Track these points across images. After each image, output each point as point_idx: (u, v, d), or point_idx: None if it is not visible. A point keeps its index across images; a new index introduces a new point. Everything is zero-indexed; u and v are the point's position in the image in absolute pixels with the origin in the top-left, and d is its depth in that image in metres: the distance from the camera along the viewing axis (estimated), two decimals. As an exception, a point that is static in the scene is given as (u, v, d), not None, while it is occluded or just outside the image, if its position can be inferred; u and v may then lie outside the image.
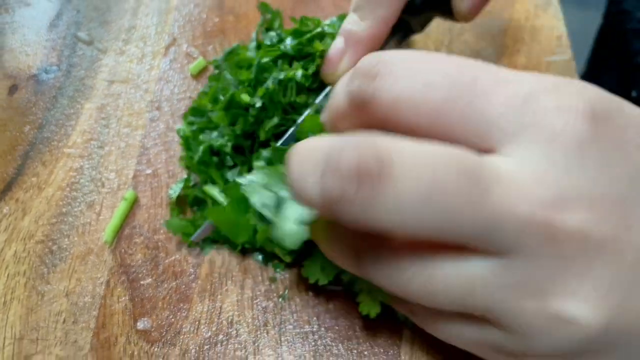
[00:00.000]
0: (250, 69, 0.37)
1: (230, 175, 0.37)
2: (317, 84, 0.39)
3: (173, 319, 0.35)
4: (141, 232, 0.38)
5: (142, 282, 0.36)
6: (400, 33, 0.39)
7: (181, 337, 0.34)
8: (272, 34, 0.40)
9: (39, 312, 0.36)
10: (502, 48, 0.47)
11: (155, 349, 0.34)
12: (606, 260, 0.21)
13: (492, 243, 0.22)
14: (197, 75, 0.46)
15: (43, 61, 0.48)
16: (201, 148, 0.37)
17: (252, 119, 0.37)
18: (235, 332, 0.34)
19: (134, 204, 0.39)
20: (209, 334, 0.34)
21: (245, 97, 0.36)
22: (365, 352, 0.33)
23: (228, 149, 0.37)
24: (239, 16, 0.50)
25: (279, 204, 0.28)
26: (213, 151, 0.38)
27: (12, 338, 0.35)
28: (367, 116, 0.25)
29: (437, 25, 0.48)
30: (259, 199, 0.28)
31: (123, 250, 0.38)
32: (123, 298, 0.36)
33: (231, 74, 0.37)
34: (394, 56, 0.24)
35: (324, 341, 0.33)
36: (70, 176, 0.41)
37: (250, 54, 0.40)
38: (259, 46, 0.41)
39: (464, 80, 0.23)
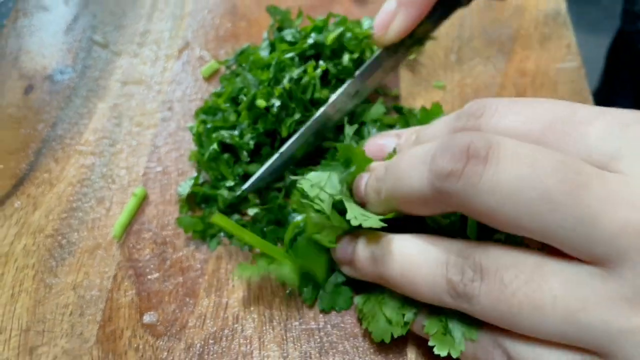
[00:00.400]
0: (268, 69, 0.38)
1: (241, 170, 0.37)
2: (334, 79, 0.39)
3: (179, 314, 0.35)
4: (149, 227, 0.39)
5: (149, 277, 0.36)
6: (447, 3, 0.40)
7: (186, 331, 0.34)
8: (289, 31, 0.41)
9: (46, 304, 0.36)
10: (511, 55, 0.48)
11: (161, 343, 0.34)
12: None
13: (593, 247, 0.21)
14: (209, 77, 0.47)
15: (59, 62, 0.49)
16: (214, 145, 0.37)
17: (272, 118, 0.37)
18: (240, 327, 0.34)
19: (144, 200, 0.40)
20: (215, 328, 0.34)
21: (261, 103, 0.37)
22: (371, 350, 0.32)
23: (250, 146, 0.37)
24: (250, 21, 0.51)
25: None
26: (225, 148, 0.38)
27: (19, 329, 0.35)
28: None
29: (447, 32, 0.49)
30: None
31: (131, 245, 0.38)
32: (130, 292, 0.36)
33: (252, 74, 0.38)
34: (495, 100, 0.26)
35: (329, 338, 0.33)
36: (81, 172, 0.42)
37: (263, 53, 0.41)
38: (271, 45, 0.41)
39: (562, 114, 0.24)
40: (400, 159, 0.27)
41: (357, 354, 0.32)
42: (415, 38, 0.40)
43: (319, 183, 0.31)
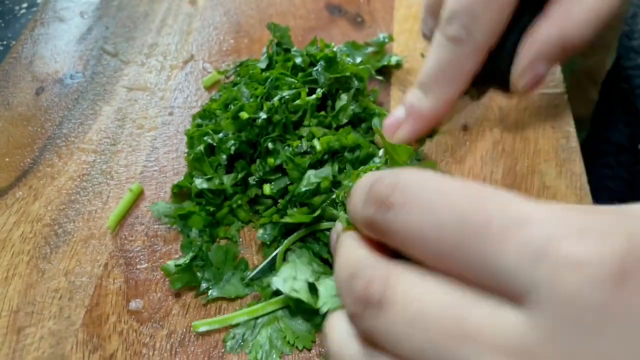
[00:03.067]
0: (264, 84, 0.40)
1: (225, 178, 0.39)
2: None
3: (164, 302, 0.36)
4: (143, 221, 0.40)
5: (138, 267, 0.38)
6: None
7: (170, 319, 0.35)
8: (297, 51, 0.44)
9: (38, 288, 0.37)
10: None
11: (144, 329, 0.35)
12: None
13: None
14: (210, 87, 0.49)
15: (70, 68, 0.52)
16: (201, 146, 0.40)
17: (257, 129, 0.39)
18: (222, 317, 0.35)
19: (139, 195, 0.42)
20: (197, 318, 0.35)
21: (244, 115, 0.39)
22: None
23: (230, 151, 0.39)
24: (253, 39, 0.54)
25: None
26: (212, 151, 0.40)
27: (9, 310, 0.36)
28: (384, 239, 0.25)
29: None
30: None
31: (124, 236, 0.40)
32: (118, 280, 0.37)
33: (246, 87, 0.40)
34: (410, 180, 0.24)
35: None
36: (82, 168, 0.44)
37: (261, 65, 0.44)
38: (269, 59, 0.44)
39: (477, 222, 0.21)
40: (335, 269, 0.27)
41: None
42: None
43: (291, 275, 0.33)
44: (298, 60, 0.43)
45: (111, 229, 0.40)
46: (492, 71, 0.38)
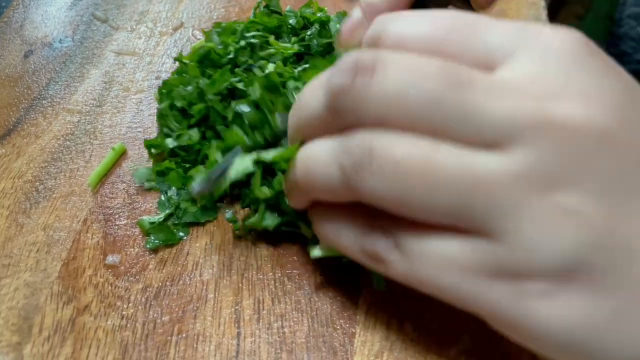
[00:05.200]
0: (235, 34, 0.40)
1: (193, 132, 0.39)
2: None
3: (142, 258, 0.36)
4: (124, 179, 0.40)
5: (117, 223, 0.38)
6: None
7: (146, 273, 0.35)
8: (292, 14, 0.43)
9: (15, 241, 0.37)
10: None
11: (120, 282, 0.35)
12: (609, 154, 0.21)
13: (482, 133, 0.21)
14: (199, 53, 0.49)
15: (59, 33, 0.52)
16: (166, 102, 0.39)
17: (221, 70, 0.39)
18: (199, 273, 0.35)
19: (122, 155, 0.41)
20: (173, 273, 0.35)
21: (214, 47, 0.39)
22: (324, 299, 0.33)
23: (191, 98, 0.39)
24: (243, 8, 0.53)
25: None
26: (180, 109, 0.40)
27: (-14, 262, 0.36)
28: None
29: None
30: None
31: (104, 194, 0.39)
32: (97, 235, 0.37)
33: (219, 36, 0.40)
34: (401, 11, 0.26)
35: (284, 288, 0.34)
36: (66, 128, 0.44)
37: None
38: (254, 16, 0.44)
39: (462, 21, 0.24)
40: (305, 87, 0.28)
41: (308, 303, 0.33)
42: None
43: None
44: (292, 21, 0.43)
45: (92, 187, 0.40)
46: None
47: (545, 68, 0.22)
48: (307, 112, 0.27)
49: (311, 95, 0.26)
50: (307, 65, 0.40)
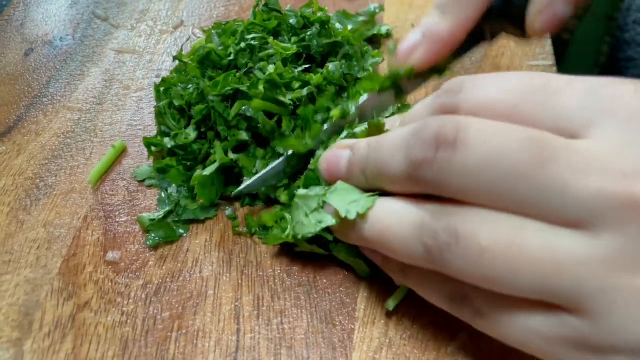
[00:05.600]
0: (235, 35, 0.40)
1: (190, 130, 0.39)
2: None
3: (141, 254, 0.36)
4: (124, 177, 0.40)
5: (117, 220, 0.38)
6: (472, 38, 0.39)
7: (146, 269, 0.35)
8: (292, 13, 0.44)
9: (16, 237, 0.37)
10: (487, 50, 0.50)
11: (120, 278, 0.35)
12: None
13: (567, 212, 0.21)
14: (199, 51, 0.49)
15: (60, 31, 0.52)
16: (163, 101, 0.40)
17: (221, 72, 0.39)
18: (199, 269, 0.35)
19: (122, 152, 0.42)
20: (173, 269, 0.35)
21: (214, 48, 0.39)
22: (323, 295, 0.33)
23: (191, 98, 0.39)
24: (243, 7, 0.54)
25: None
26: (178, 107, 0.40)
27: (-14, 259, 0.36)
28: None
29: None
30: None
31: (105, 191, 0.39)
32: (97, 232, 0.37)
33: (218, 37, 0.40)
34: (472, 76, 0.26)
35: (283, 284, 0.34)
36: (67, 126, 0.44)
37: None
38: (254, 16, 0.44)
39: (536, 83, 0.24)
40: (382, 141, 0.28)
41: (307, 300, 0.33)
42: (434, 69, 0.39)
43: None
44: (292, 20, 0.43)
45: (92, 184, 0.40)
46: (508, 6, 0.37)
47: (632, 137, 0.21)
48: (388, 173, 0.27)
49: (391, 157, 0.26)
50: (307, 65, 0.40)
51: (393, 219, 0.27)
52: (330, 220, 0.30)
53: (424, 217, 0.25)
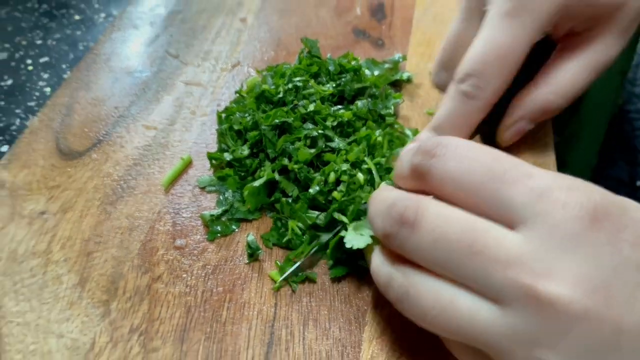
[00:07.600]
0: (284, 77, 0.51)
1: (244, 149, 0.49)
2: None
3: (202, 243, 0.46)
4: (190, 183, 0.50)
5: (184, 215, 0.48)
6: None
7: (206, 254, 0.45)
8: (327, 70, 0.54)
9: (105, 225, 0.47)
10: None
11: (185, 260, 0.44)
12: (584, 329, 0.25)
13: (489, 291, 0.27)
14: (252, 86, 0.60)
15: (139, 65, 0.64)
16: (224, 124, 0.50)
17: (279, 105, 0.50)
18: (246, 257, 0.44)
19: (189, 164, 0.52)
20: (227, 255, 0.44)
21: (268, 88, 0.50)
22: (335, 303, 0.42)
23: (247, 125, 0.49)
24: (290, 52, 0.64)
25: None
26: (236, 131, 0.50)
27: (82, 239, 0.46)
28: (423, 183, 0.32)
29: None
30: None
31: (174, 193, 0.50)
32: (168, 224, 0.47)
33: (272, 78, 0.51)
34: (450, 141, 0.31)
35: (314, 272, 0.43)
36: (145, 141, 0.54)
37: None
38: (300, 62, 0.55)
39: (497, 171, 0.29)
40: (374, 199, 0.35)
41: (331, 285, 0.42)
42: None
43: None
44: (331, 67, 0.54)
45: (165, 187, 0.50)
46: (484, 122, 0.45)
47: (549, 245, 0.26)
48: (374, 227, 0.34)
49: (374, 216, 0.34)
50: (341, 107, 0.51)
51: (377, 262, 0.35)
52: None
53: (393, 273, 0.33)
